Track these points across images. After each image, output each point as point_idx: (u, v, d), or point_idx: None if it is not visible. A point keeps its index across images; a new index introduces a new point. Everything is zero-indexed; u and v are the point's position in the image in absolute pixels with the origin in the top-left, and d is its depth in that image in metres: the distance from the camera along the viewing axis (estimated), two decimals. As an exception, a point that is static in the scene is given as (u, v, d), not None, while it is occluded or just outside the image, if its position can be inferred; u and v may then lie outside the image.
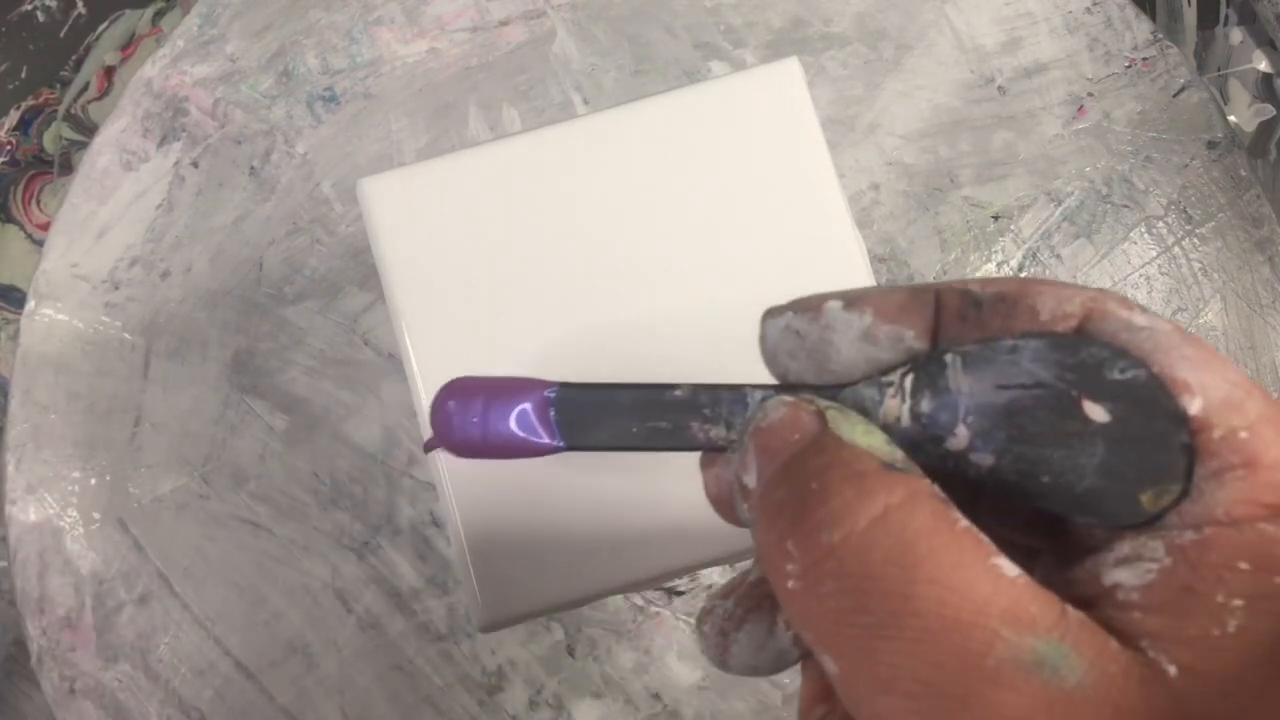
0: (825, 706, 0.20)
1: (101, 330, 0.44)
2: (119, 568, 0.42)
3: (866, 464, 0.16)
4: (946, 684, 0.15)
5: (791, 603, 0.17)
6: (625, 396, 0.21)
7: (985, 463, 0.18)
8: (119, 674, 0.41)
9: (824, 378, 0.19)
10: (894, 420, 0.18)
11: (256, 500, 0.43)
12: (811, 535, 0.16)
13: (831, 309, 0.19)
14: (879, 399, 0.19)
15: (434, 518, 0.42)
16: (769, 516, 0.17)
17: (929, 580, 0.15)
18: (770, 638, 0.20)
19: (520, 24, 0.46)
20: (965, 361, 0.18)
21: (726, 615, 0.20)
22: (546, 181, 0.31)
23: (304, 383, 0.43)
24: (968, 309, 0.19)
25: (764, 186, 0.31)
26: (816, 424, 0.18)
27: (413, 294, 0.30)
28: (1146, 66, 0.45)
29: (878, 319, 0.19)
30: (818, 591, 0.16)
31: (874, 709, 0.15)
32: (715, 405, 0.20)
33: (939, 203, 0.45)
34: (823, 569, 0.16)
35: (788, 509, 0.17)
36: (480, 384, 0.22)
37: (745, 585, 0.21)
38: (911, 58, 0.46)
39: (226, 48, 0.46)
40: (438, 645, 0.42)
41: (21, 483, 0.43)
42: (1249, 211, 0.45)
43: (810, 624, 0.16)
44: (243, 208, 0.45)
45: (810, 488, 0.17)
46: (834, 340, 0.19)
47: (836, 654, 0.16)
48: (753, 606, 0.20)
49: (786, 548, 0.16)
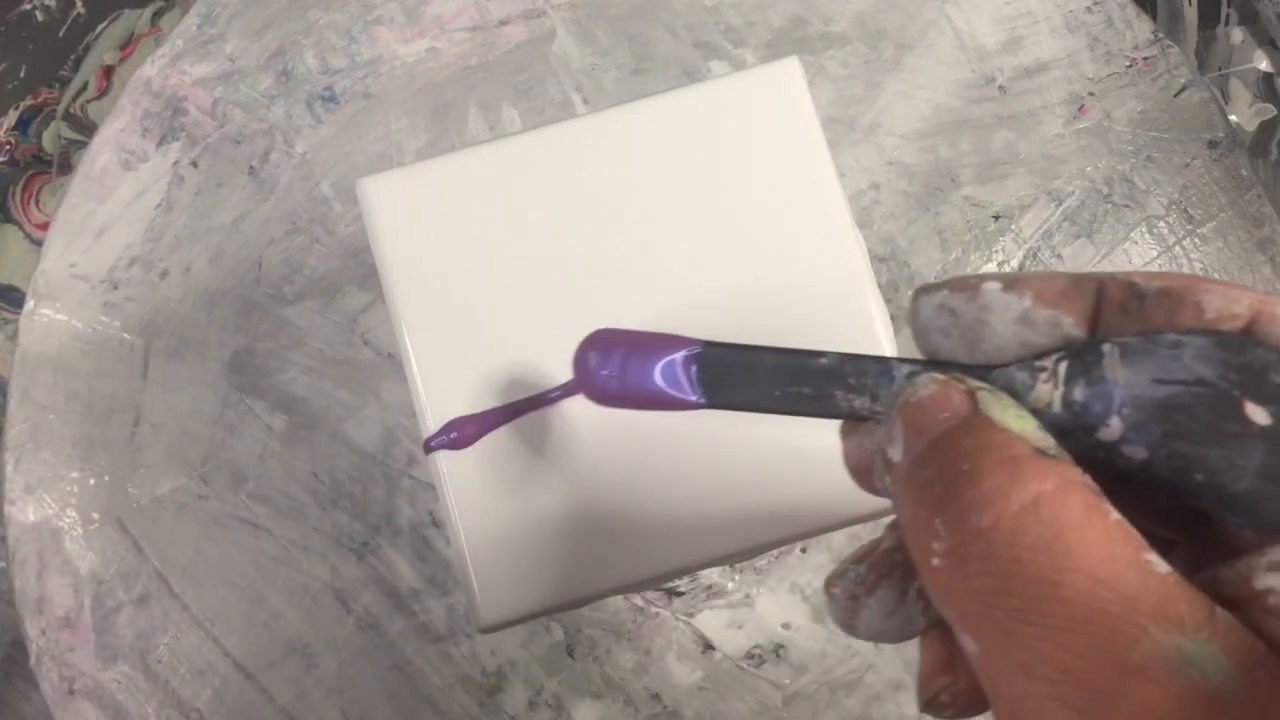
0: (947, 678, 0.20)
1: (100, 330, 0.44)
2: (118, 568, 0.42)
3: (1019, 449, 0.16)
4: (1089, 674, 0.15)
5: (934, 580, 0.17)
6: (769, 360, 0.21)
7: (1137, 455, 0.18)
8: (118, 674, 0.41)
9: (975, 358, 0.19)
10: (1044, 405, 0.18)
11: (255, 500, 0.42)
12: (961, 516, 0.16)
13: (990, 290, 0.19)
14: (1030, 383, 0.18)
15: (433, 518, 0.42)
16: (916, 493, 0.17)
17: (1078, 570, 0.15)
18: (900, 605, 0.20)
19: (520, 23, 0.46)
20: (1124, 353, 0.18)
21: (858, 580, 0.20)
22: (546, 181, 0.30)
23: (303, 383, 0.43)
24: (1130, 301, 0.19)
25: (764, 186, 0.30)
26: (967, 404, 0.18)
27: (412, 294, 0.30)
28: (1147, 66, 0.45)
29: (1037, 303, 0.19)
30: (963, 572, 0.16)
31: (1012, 692, 0.15)
32: (860, 376, 0.20)
33: (939, 202, 0.44)
34: (970, 550, 0.16)
35: (936, 488, 0.17)
36: (623, 336, 0.23)
37: (879, 552, 0.21)
38: (912, 57, 0.46)
39: (225, 47, 0.46)
40: (437, 646, 0.41)
41: (20, 483, 0.43)
42: (1250, 211, 0.44)
43: (953, 603, 0.16)
44: (242, 207, 0.45)
45: (961, 469, 0.17)
46: (989, 321, 0.19)
47: (978, 635, 0.16)
48: (884, 573, 0.20)
49: (934, 526, 0.16)
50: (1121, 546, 0.15)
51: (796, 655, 0.41)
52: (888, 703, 0.41)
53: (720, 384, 0.22)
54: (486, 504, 0.29)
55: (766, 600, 0.42)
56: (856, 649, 0.41)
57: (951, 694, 0.20)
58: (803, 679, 0.41)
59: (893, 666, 0.41)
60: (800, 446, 0.29)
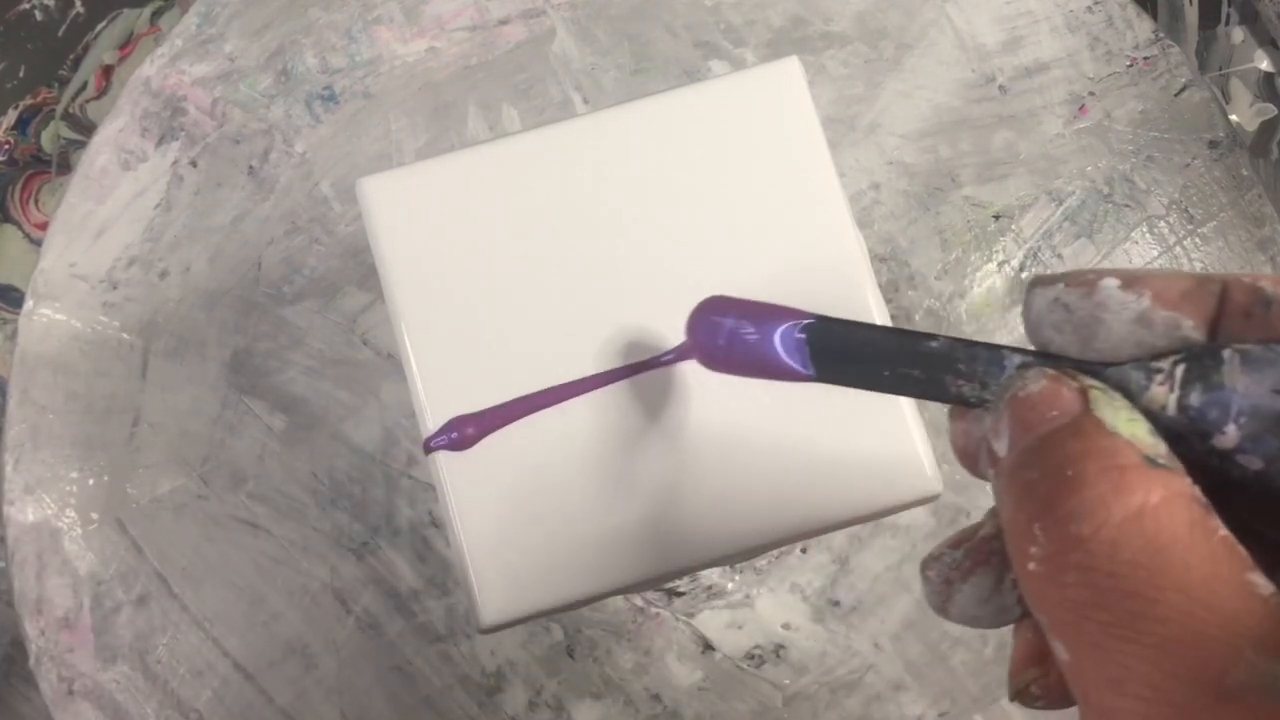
0: (1037, 670, 0.20)
1: (100, 330, 0.44)
2: (117, 568, 0.42)
3: (1127, 457, 0.16)
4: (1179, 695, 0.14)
5: (1030, 584, 0.16)
6: (880, 339, 0.21)
7: (1253, 466, 0.17)
8: (117, 675, 0.41)
9: (1087, 355, 0.19)
10: (1158, 408, 0.18)
11: (255, 501, 0.42)
12: (1060, 524, 0.16)
13: (1107, 286, 0.19)
14: (1145, 384, 0.18)
15: (433, 518, 0.42)
16: (1017, 494, 0.17)
17: (1177, 589, 0.15)
18: (995, 593, 0.20)
19: (520, 23, 0.46)
20: (1245, 360, 0.17)
21: (954, 564, 0.20)
22: (546, 181, 0.30)
23: (303, 383, 0.43)
24: (1255, 307, 0.18)
25: (764, 186, 0.30)
26: (1078, 403, 0.17)
27: (412, 294, 0.30)
28: (1148, 66, 0.45)
29: (1156, 303, 0.18)
30: (1059, 580, 0.16)
31: (1101, 704, 0.15)
32: (971, 362, 0.20)
33: (940, 202, 0.44)
34: (1067, 559, 0.16)
35: (1039, 491, 0.16)
36: (737, 303, 0.24)
37: (977, 539, 0.20)
38: (912, 57, 0.45)
39: (225, 47, 0.46)
40: (437, 646, 0.41)
41: (19, 483, 0.43)
42: (1251, 211, 0.44)
43: (1046, 609, 0.16)
44: (241, 207, 0.45)
45: (1065, 474, 0.16)
46: (1105, 319, 0.19)
47: (1070, 644, 0.16)
48: (981, 560, 0.20)
49: (1033, 530, 0.16)
50: (1224, 566, 0.15)
51: (796, 656, 0.41)
52: (888, 703, 0.41)
53: (830, 359, 0.22)
54: (486, 504, 0.29)
55: (766, 600, 0.42)
56: (856, 649, 0.41)
57: (1042, 686, 0.20)
58: (803, 679, 0.41)
59: (893, 667, 0.41)
60: (800, 446, 0.29)
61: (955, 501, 0.42)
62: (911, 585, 0.42)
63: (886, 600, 0.42)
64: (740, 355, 0.23)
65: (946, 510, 0.42)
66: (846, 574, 0.42)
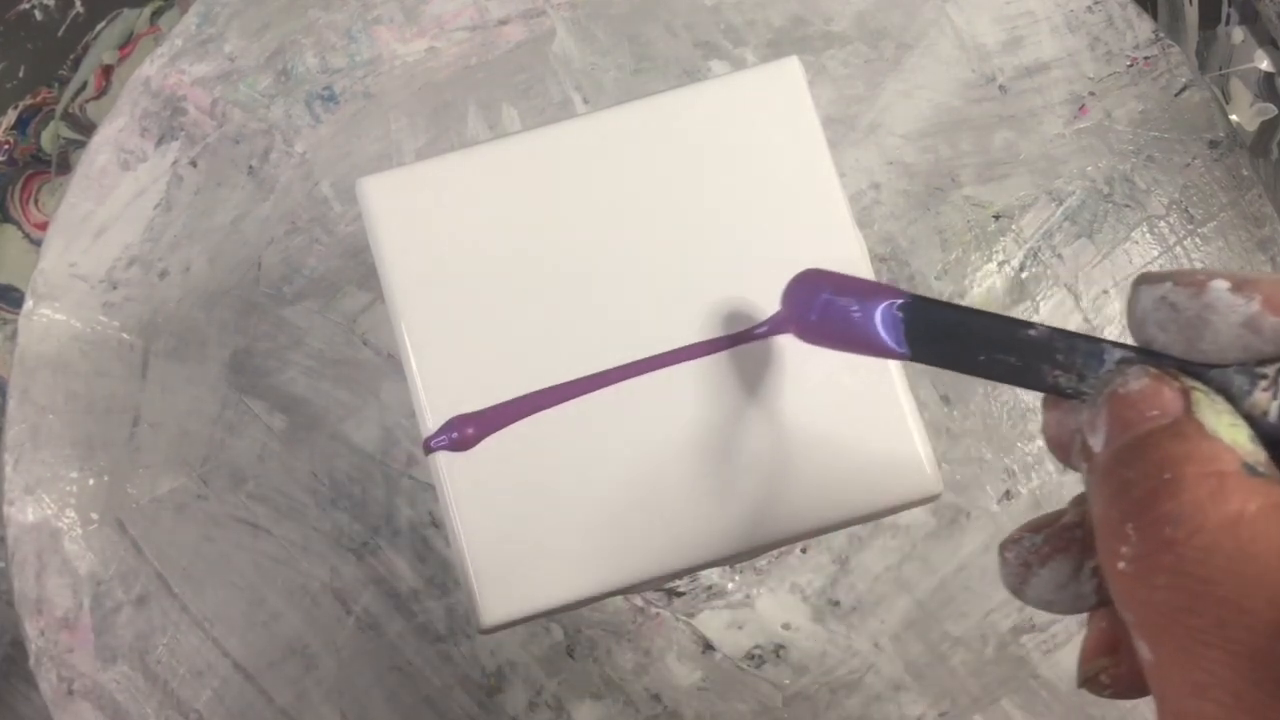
0: (1108, 660, 0.20)
1: (99, 330, 0.44)
2: (117, 568, 0.42)
3: (1227, 463, 0.16)
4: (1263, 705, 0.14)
5: (1118, 582, 0.16)
6: (978, 324, 0.21)
7: None
8: (117, 675, 0.41)
9: (1191, 355, 0.19)
10: (1260, 414, 0.18)
11: (255, 501, 0.42)
12: (1155, 525, 0.16)
13: (1217, 288, 0.18)
14: (1248, 389, 0.18)
15: (433, 518, 0.42)
16: (1112, 492, 0.17)
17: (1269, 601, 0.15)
18: (1073, 580, 0.20)
19: (520, 23, 0.46)
20: None
21: (1033, 548, 0.20)
22: (546, 181, 0.30)
23: (303, 383, 0.43)
24: None
25: (764, 186, 0.30)
26: (1179, 405, 0.17)
27: (412, 294, 0.30)
28: (1148, 65, 0.45)
29: (1266, 308, 0.18)
30: (1149, 582, 0.16)
31: (1181, 707, 0.15)
32: (1070, 353, 0.20)
33: (940, 202, 0.44)
34: (1159, 561, 0.16)
35: (1134, 491, 0.16)
36: (833, 277, 0.24)
37: (1058, 526, 0.20)
38: (912, 57, 0.45)
39: (225, 47, 0.46)
40: (437, 646, 0.41)
41: (19, 483, 0.43)
42: (1251, 211, 0.44)
43: (1134, 608, 0.16)
44: (241, 207, 0.45)
45: (1163, 476, 0.16)
46: (1212, 320, 0.18)
47: (1155, 645, 0.16)
48: (1061, 547, 0.20)
49: (1126, 529, 0.16)
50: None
51: (796, 656, 0.41)
52: (888, 703, 0.41)
53: (925, 339, 0.22)
54: (486, 504, 0.29)
55: (766, 600, 0.42)
56: (856, 649, 0.41)
57: (1111, 675, 0.20)
58: (803, 679, 0.41)
59: (893, 667, 0.41)
60: (800, 446, 0.29)
61: (955, 501, 0.42)
62: (911, 585, 0.42)
63: (886, 600, 0.42)
64: (836, 328, 0.23)
65: (946, 510, 0.42)
66: (846, 574, 0.42)
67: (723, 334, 0.29)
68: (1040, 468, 0.42)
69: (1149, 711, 0.42)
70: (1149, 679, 0.16)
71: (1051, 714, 0.41)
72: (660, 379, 0.29)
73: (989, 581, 0.41)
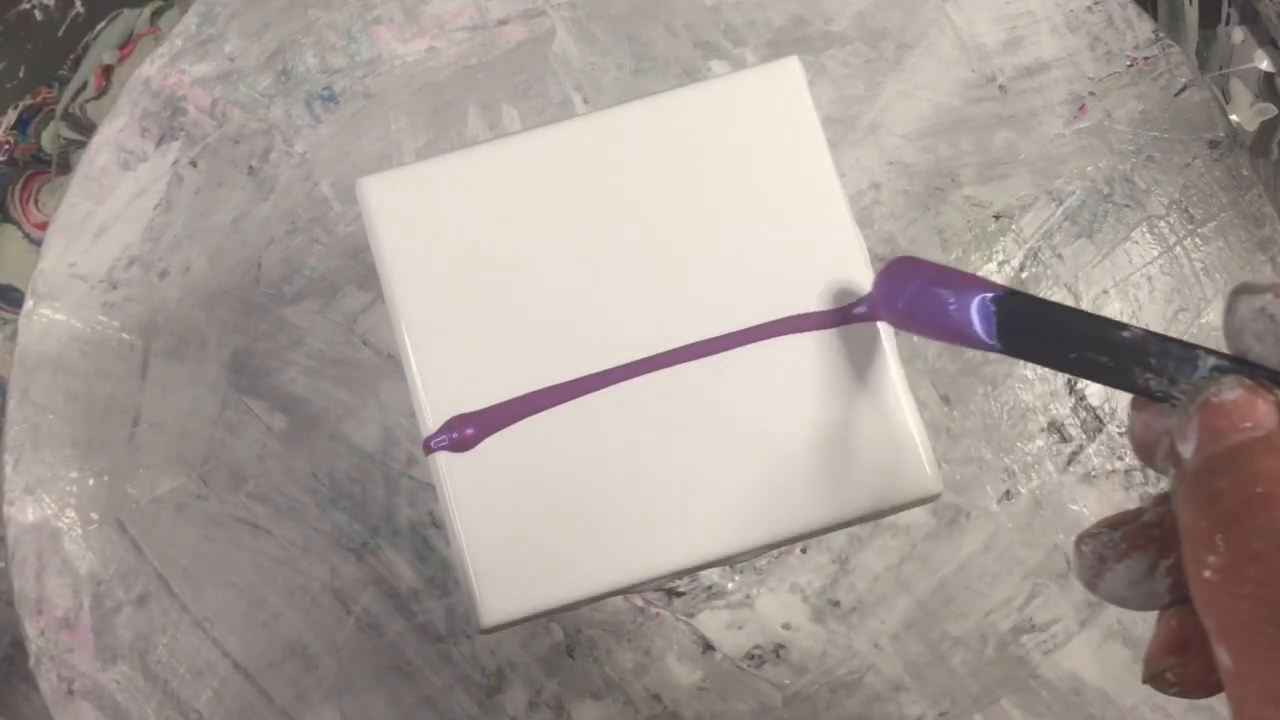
0: (1175, 659, 0.20)
1: (99, 330, 0.44)
2: (117, 568, 0.42)
3: None
4: None
5: (1203, 590, 0.16)
6: (1071, 321, 0.21)
7: None
8: (117, 675, 0.41)
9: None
10: None
11: (255, 501, 0.42)
12: (1244, 537, 0.16)
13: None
14: None
15: (433, 518, 0.42)
16: (1201, 501, 0.17)
17: None
18: (1148, 578, 0.20)
19: (520, 23, 0.46)
20: None
21: (1110, 544, 0.20)
22: (546, 181, 0.30)
23: (303, 383, 0.43)
24: None
25: (764, 186, 0.30)
26: (1274, 418, 0.17)
27: (412, 294, 0.30)
28: (1148, 65, 0.45)
29: None
30: (1235, 591, 0.16)
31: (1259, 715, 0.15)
32: (1163, 357, 0.20)
33: (940, 202, 0.44)
34: (1246, 572, 0.16)
35: (1225, 503, 0.16)
36: (927, 266, 0.24)
37: (1138, 524, 0.20)
38: (912, 57, 0.45)
39: (225, 47, 0.46)
40: (437, 646, 0.41)
41: (19, 483, 0.43)
42: (1251, 211, 0.44)
43: (1217, 616, 0.16)
44: (241, 207, 0.45)
45: (1254, 489, 0.16)
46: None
47: (1236, 653, 0.16)
48: (1138, 544, 0.20)
49: (1214, 539, 0.16)
50: None
51: (797, 656, 0.41)
52: (888, 703, 0.41)
53: (1017, 333, 0.22)
54: (486, 504, 0.29)
55: (766, 600, 0.42)
56: (856, 649, 0.41)
57: (1178, 675, 0.20)
58: (803, 679, 0.41)
59: (893, 667, 0.41)
60: (801, 447, 0.29)
61: (955, 501, 0.42)
62: (911, 585, 0.42)
63: (886, 600, 0.42)
64: (930, 316, 0.24)
65: (946, 510, 0.42)
66: (846, 574, 0.42)
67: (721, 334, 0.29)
68: (1040, 468, 0.42)
69: (1149, 711, 0.42)
70: (1226, 685, 0.16)
71: (1051, 714, 0.41)
72: (661, 379, 0.29)
73: (989, 581, 0.41)
